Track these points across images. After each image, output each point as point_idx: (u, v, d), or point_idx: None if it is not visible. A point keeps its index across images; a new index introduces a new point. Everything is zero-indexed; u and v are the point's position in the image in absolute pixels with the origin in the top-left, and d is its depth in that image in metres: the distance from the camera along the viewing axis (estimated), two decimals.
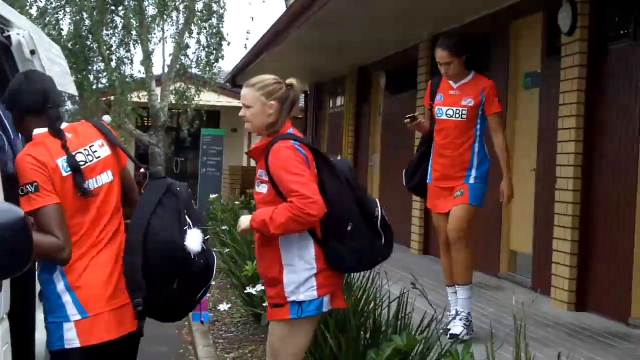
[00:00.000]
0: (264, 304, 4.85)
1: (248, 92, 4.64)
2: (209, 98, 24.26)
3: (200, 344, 7.83)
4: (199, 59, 24.71)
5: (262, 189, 4.60)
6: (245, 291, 7.44)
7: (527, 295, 8.98)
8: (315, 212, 4.36)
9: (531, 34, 10.42)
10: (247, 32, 37.02)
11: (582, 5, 8.76)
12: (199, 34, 24.53)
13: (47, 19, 23.28)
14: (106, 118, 26.15)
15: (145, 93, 24.54)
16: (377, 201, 4.77)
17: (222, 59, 24.72)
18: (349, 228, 4.55)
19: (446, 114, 6.74)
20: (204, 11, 24.19)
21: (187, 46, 24.63)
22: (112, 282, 3.92)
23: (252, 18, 37.40)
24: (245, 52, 21.00)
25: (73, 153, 3.90)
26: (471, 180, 6.81)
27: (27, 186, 3.73)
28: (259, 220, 4.45)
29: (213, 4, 24.23)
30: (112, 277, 3.93)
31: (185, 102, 25.06)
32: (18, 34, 4.81)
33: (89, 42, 23.37)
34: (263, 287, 5.72)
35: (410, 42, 14.06)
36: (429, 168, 7.29)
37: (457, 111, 6.69)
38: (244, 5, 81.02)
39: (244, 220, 4.59)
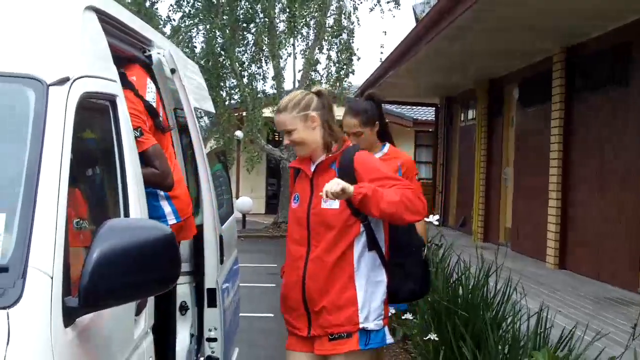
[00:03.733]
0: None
1: (282, 117, 4.27)
2: (339, 113, 24.24)
3: None
4: (329, 74, 24.81)
5: (334, 204, 4.14)
6: None
7: None
8: (424, 204, 4.10)
9: None
10: (381, 46, 37.61)
11: None
12: (329, 49, 24.68)
13: (181, 37, 23.83)
14: (238, 133, 26.73)
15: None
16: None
17: (353, 74, 24.77)
18: (414, 249, 4.41)
19: None
20: (334, 27, 24.33)
21: (317, 62, 24.79)
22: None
23: (385, 32, 37.54)
24: (377, 66, 21.07)
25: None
26: None
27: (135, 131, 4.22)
28: (369, 188, 3.96)
29: (343, 20, 24.35)
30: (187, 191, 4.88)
31: None
32: (159, 53, 4.96)
33: (221, 59, 23.82)
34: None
35: (544, 53, 13.83)
36: None
37: None
38: (376, 19, 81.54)
39: (339, 183, 3.92)
